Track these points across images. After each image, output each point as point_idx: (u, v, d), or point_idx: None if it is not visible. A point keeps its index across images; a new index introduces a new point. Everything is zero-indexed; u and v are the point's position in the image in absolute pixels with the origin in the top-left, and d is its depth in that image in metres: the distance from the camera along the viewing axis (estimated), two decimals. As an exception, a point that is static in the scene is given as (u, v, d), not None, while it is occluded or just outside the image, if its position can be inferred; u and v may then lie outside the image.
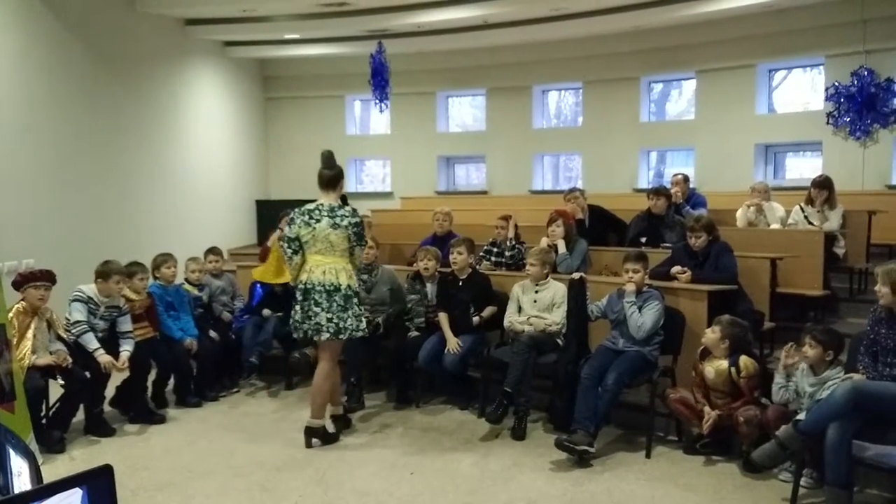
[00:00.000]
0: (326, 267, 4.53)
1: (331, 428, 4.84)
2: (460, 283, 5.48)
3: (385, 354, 5.56)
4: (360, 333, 4.68)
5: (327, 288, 4.51)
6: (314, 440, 4.67)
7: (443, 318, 5.39)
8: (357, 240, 4.62)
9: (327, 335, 4.57)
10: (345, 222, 4.55)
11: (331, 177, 4.69)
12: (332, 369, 4.74)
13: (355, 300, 4.61)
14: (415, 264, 5.81)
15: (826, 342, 3.88)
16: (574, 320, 4.89)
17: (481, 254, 6.27)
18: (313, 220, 4.55)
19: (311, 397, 4.77)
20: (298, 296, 4.59)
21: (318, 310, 4.53)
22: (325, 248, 4.54)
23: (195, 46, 9.71)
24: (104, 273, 5.00)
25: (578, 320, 4.89)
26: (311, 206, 4.65)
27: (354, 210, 4.69)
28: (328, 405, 4.82)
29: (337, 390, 4.93)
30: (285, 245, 4.64)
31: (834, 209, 6.37)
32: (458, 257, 5.44)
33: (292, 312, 4.68)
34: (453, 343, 5.23)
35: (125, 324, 5.12)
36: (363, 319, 4.69)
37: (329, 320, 4.53)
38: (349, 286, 4.57)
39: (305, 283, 4.56)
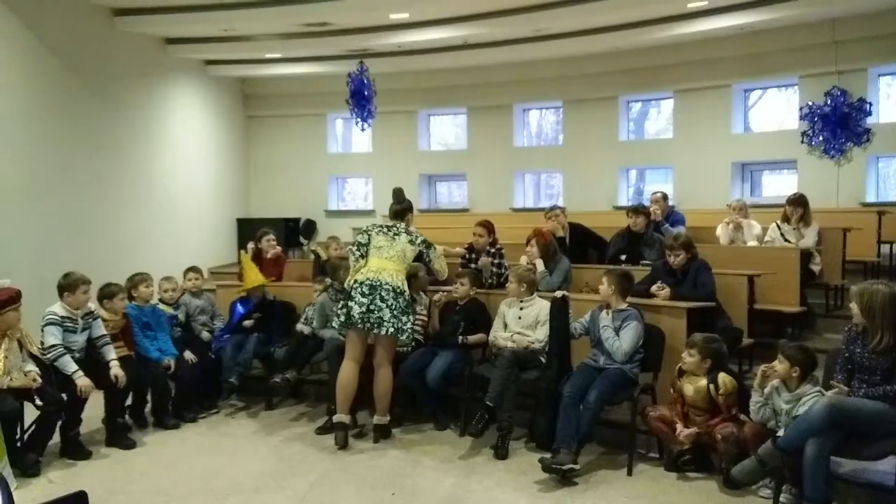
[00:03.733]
0: (394, 272, 5.07)
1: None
2: (457, 307, 5.57)
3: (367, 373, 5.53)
4: (412, 342, 5.21)
5: (395, 289, 4.99)
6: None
7: None
8: (427, 248, 5.33)
9: (391, 329, 4.94)
10: (418, 240, 5.28)
11: (398, 210, 5.43)
12: (390, 371, 5.09)
13: (411, 308, 5.18)
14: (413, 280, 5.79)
15: (794, 358, 3.91)
16: (556, 338, 4.91)
17: (460, 261, 6.27)
18: (392, 233, 5.24)
19: (376, 399, 5.10)
20: (364, 289, 4.97)
21: (382, 305, 4.95)
22: (396, 257, 5.14)
23: (175, 65, 9.70)
24: (70, 286, 4.95)
25: (561, 338, 4.91)
26: (388, 223, 5.38)
27: (419, 234, 5.39)
28: (374, 415, 5.17)
29: (388, 396, 5.15)
30: (354, 248, 5.25)
31: (809, 226, 6.47)
32: (461, 288, 5.55)
33: (353, 305, 4.96)
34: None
35: (98, 328, 5.08)
36: (413, 330, 5.16)
37: (393, 316, 4.95)
38: (410, 294, 5.18)
39: (372, 281, 4.99)
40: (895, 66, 8.54)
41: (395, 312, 4.95)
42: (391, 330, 4.95)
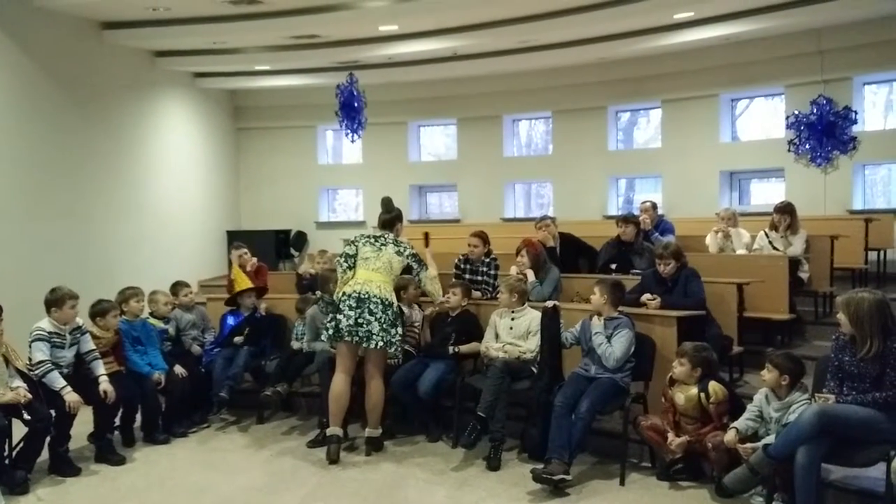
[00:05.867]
0: (381, 284, 5.03)
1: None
2: (449, 319, 5.57)
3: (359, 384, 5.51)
4: (400, 354, 5.18)
5: (383, 301, 4.96)
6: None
7: None
8: (418, 265, 5.26)
9: (380, 343, 4.92)
10: (406, 252, 5.21)
11: (387, 219, 5.37)
12: (381, 383, 5.07)
13: (401, 320, 5.15)
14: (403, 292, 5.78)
15: (782, 366, 3.94)
16: (547, 348, 4.91)
17: (454, 271, 6.26)
18: (379, 243, 5.18)
19: (368, 412, 5.09)
20: (351, 303, 4.93)
21: (371, 318, 4.92)
22: (382, 268, 5.09)
23: (165, 78, 9.70)
24: (57, 301, 4.90)
25: (552, 348, 4.90)
26: (376, 233, 5.32)
27: (410, 245, 5.32)
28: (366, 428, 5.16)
29: (379, 408, 5.13)
30: (342, 260, 5.21)
31: (797, 234, 6.51)
32: (453, 298, 5.55)
33: (341, 318, 4.94)
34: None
35: (87, 343, 5.04)
36: (402, 343, 5.16)
37: (382, 330, 4.92)
38: (398, 306, 5.16)
39: (360, 294, 4.96)
40: (880, 75, 8.64)
41: (383, 325, 4.93)
42: (380, 343, 4.92)
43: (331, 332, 5.02)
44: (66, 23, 7.97)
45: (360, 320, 4.91)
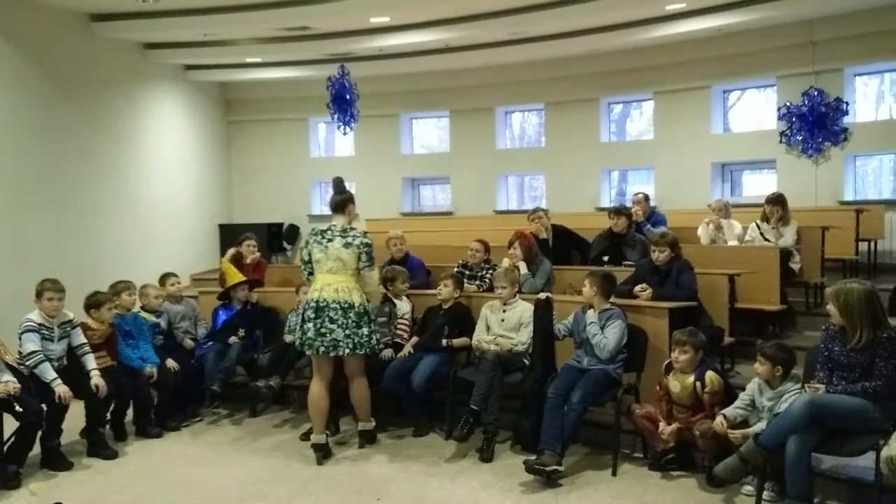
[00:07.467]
0: (339, 285, 4.74)
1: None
2: (441, 311, 5.56)
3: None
4: (375, 349, 4.96)
5: (342, 305, 4.71)
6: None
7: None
8: (368, 259, 4.84)
9: (348, 350, 4.73)
10: (356, 241, 4.81)
11: (339, 201, 5.00)
12: (364, 380, 4.97)
13: (366, 318, 4.82)
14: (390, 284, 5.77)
15: (774, 357, 3.96)
16: (540, 340, 4.92)
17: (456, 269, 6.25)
18: (325, 240, 4.83)
19: (356, 408, 5.02)
20: (310, 313, 4.74)
21: (333, 326, 4.70)
22: (336, 267, 4.77)
23: (155, 70, 9.64)
24: (37, 293, 4.88)
25: (544, 340, 4.92)
26: (323, 227, 4.93)
27: (365, 232, 4.96)
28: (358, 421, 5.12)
29: (367, 403, 5.06)
30: (302, 267, 4.98)
31: (788, 225, 6.53)
32: (444, 290, 5.53)
33: (304, 329, 4.77)
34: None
35: (78, 336, 5.02)
36: (375, 336, 4.91)
37: (347, 336, 4.71)
38: (361, 304, 4.80)
39: (318, 301, 4.72)
40: (871, 66, 8.66)
41: (347, 330, 4.70)
42: (347, 350, 4.74)
43: (299, 340, 4.88)
44: (55, 15, 7.90)
45: (322, 329, 4.69)
